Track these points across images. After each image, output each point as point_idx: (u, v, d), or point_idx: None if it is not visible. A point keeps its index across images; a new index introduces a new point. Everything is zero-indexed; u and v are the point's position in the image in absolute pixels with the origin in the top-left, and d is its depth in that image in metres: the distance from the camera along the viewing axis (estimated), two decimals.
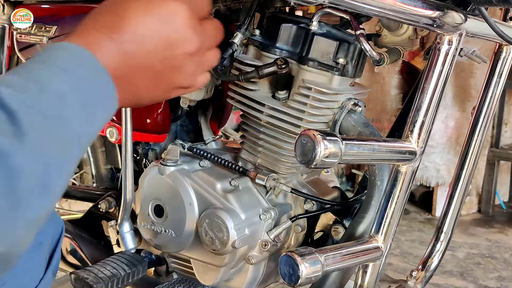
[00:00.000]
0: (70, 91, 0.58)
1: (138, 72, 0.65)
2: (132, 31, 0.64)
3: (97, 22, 0.65)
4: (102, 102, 0.63)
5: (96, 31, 0.64)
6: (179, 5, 0.66)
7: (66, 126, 0.57)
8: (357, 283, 0.88)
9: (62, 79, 0.58)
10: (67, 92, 0.58)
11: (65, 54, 0.60)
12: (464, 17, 0.75)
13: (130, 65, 0.64)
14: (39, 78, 0.57)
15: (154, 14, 0.65)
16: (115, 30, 0.64)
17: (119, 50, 0.63)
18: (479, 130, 0.97)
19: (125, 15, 0.64)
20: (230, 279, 1.06)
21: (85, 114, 0.60)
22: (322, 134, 0.65)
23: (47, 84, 0.57)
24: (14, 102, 0.52)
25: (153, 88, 0.68)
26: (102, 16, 0.66)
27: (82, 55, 0.61)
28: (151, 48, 0.64)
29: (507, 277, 2.44)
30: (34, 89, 0.56)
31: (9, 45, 1.43)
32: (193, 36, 0.67)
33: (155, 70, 0.66)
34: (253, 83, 0.97)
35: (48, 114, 0.55)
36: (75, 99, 0.59)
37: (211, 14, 1.04)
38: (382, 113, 3.32)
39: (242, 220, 0.97)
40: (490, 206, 3.32)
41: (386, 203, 0.83)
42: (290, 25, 0.95)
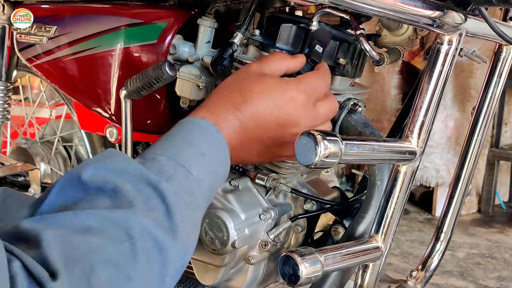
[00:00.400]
0: (205, 176, 0.67)
1: (251, 145, 0.75)
2: (253, 111, 0.74)
3: (225, 100, 0.74)
4: (223, 177, 0.73)
5: (225, 109, 0.73)
6: (298, 93, 0.76)
7: (198, 210, 0.66)
8: (357, 283, 0.88)
9: (201, 163, 0.67)
10: (204, 177, 0.67)
11: (203, 135, 0.69)
12: (464, 17, 0.75)
13: (246, 138, 0.74)
14: (185, 162, 0.65)
15: (274, 98, 0.75)
16: (240, 109, 0.73)
17: (241, 126, 0.73)
18: (479, 130, 0.97)
19: (250, 96, 0.74)
20: (230, 279, 1.06)
21: (210, 194, 0.70)
22: (322, 134, 0.65)
23: (191, 169, 0.65)
24: (170, 196, 0.59)
25: (260, 157, 0.78)
26: (230, 95, 0.75)
27: (216, 136, 0.70)
28: (266, 126, 0.74)
29: (507, 277, 2.44)
30: (181, 176, 0.64)
31: (9, 45, 1.43)
32: (305, 120, 0.77)
33: (266, 144, 0.76)
34: None
35: (189, 202, 0.63)
36: (208, 183, 0.68)
37: (210, 14, 1.05)
38: (382, 113, 3.32)
39: (242, 220, 0.97)
40: (490, 206, 3.32)
41: (386, 203, 0.83)
42: (290, 25, 0.94)
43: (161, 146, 0.67)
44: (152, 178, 0.59)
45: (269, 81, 0.76)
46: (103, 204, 0.55)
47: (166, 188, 0.59)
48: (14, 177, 1.53)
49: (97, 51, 1.13)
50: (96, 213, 0.53)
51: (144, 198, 0.57)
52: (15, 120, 1.79)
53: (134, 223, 0.53)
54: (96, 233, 0.51)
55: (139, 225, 0.54)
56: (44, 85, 1.72)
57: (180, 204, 0.60)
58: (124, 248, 0.51)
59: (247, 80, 0.76)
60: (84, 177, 0.57)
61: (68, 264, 0.47)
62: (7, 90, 1.49)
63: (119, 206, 0.55)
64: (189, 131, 0.69)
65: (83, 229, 0.51)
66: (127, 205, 0.55)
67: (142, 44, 1.09)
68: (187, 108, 1.09)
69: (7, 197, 0.93)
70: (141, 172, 0.60)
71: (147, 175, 0.60)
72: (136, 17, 1.11)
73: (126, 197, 0.56)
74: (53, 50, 1.21)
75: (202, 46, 1.05)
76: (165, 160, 0.64)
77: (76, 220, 0.52)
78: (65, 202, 0.55)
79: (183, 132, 0.69)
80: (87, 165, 0.59)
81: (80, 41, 1.16)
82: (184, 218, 0.60)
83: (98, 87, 1.16)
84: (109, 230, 0.52)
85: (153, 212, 0.57)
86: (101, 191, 0.56)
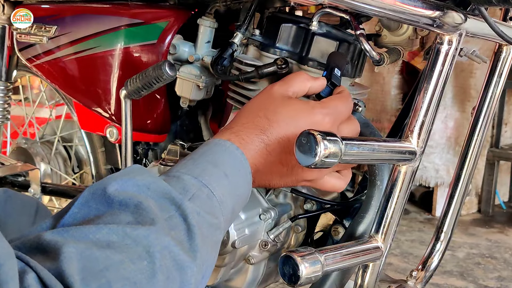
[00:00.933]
0: (228, 198, 0.67)
1: (275, 167, 0.75)
2: (279, 134, 0.74)
3: (251, 123, 0.75)
4: (245, 200, 0.73)
5: (250, 132, 0.73)
6: (324, 117, 0.76)
7: (219, 230, 0.66)
8: (357, 283, 0.88)
9: (224, 185, 0.67)
10: (226, 199, 0.67)
11: (227, 157, 0.70)
12: (464, 17, 0.75)
13: (270, 161, 0.74)
14: (209, 182, 0.65)
15: (300, 121, 0.74)
16: (266, 133, 0.73)
17: (266, 149, 0.73)
18: (479, 130, 0.97)
19: (275, 120, 0.74)
20: (230, 279, 1.06)
21: (231, 216, 0.70)
22: (322, 134, 0.65)
23: (214, 190, 0.65)
24: (192, 215, 0.59)
25: (283, 180, 0.78)
26: (256, 118, 0.75)
27: (240, 159, 0.70)
28: (291, 149, 0.71)
29: (507, 277, 2.44)
30: (204, 196, 0.64)
31: (9, 45, 1.43)
32: None
33: (289, 167, 0.76)
34: (253, 83, 0.97)
35: (210, 222, 0.63)
36: (230, 205, 0.68)
37: (210, 14, 1.05)
38: (382, 113, 3.32)
39: (242, 220, 0.97)
40: (490, 206, 3.32)
41: (386, 203, 0.83)
42: (290, 25, 0.94)
43: (186, 165, 0.68)
44: (176, 197, 0.60)
45: (294, 105, 0.76)
46: (125, 219, 0.55)
47: (188, 207, 0.60)
48: (14, 177, 1.53)
49: (97, 51, 1.13)
50: (118, 228, 0.53)
51: (166, 216, 0.58)
52: (15, 120, 1.79)
53: (155, 241, 0.53)
54: (116, 248, 0.51)
55: (160, 243, 0.54)
56: (44, 85, 1.73)
57: (202, 224, 0.60)
58: (144, 266, 0.51)
59: (272, 103, 0.76)
60: (109, 191, 0.57)
61: (85, 279, 0.47)
62: (7, 90, 1.49)
63: (141, 223, 0.55)
64: (214, 152, 0.70)
65: (103, 243, 0.51)
66: (149, 222, 0.55)
67: (142, 44, 1.09)
68: (187, 108, 1.09)
69: (8, 199, 0.93)
70: (164, 190, 0.60)
71: (171, 193, 0.60)
72: (136, 17, 1.11)
73: (149, 214, 0.56)
74: (53, 50, 1.22)
75: (202, 46, 1.06)
76: (189, 179, 0.64)
77: (98, 235, 0.51)
78: (88, 215, 0.56)
79: (208, 153, 0.70)
80: (113, 179, 0.59)
81: (80, 41, 1.16)
82: (205, 239, 0.60)
83: (98, 87, 1.16)
84: (129, 246, 0.52)
85: (174, 231, 0.57)
86: (124, 206, 0.56)
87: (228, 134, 0.73)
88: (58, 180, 1.73)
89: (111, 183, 0.58)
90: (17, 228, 0.90)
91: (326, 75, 0.84)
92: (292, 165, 0.75)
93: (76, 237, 0.51)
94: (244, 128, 0.74)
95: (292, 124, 0.74)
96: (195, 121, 1.21)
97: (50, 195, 1.60)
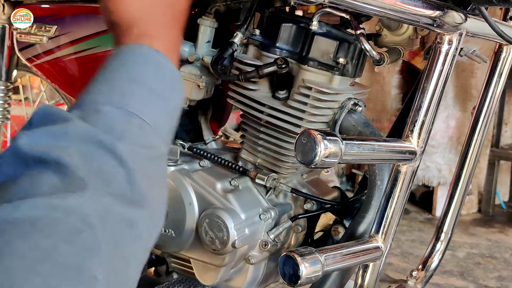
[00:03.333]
0: (161, 117, 0.57)
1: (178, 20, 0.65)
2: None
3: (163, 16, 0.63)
4: (180, 107, 0.62)
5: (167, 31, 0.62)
6: None
7: (161, 160, 0.56)
8: (357, 283, 0.88)
9: (154, 105, 0.56)
10: (160, 121, 0.57)
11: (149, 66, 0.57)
12: (464, 16, 0.75)
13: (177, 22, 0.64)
14: (136, 108, 0.54)
15: None
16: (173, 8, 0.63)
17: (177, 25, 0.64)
18: (479, 130, 0.97)
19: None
20: (230, 279, 1.06)
21: (169, 135, 0.59)
22: (322, 134, 0.65)
23: (144, 114, 0.54)
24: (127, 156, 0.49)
25: None
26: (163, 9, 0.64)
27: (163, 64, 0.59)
28: None
29: (507, 277, 2.43)
30: (135, 127, 0.53)
31: (9, 45, 1.43)
32: None
33: None
34: (253, 83, 0.97)
35: (150, 157, 0.53)
36: (165, 124, 0.58)
37: (210, 13, 1.05)
38: (382, 113, 3.32)
39: (242, 220, 0.97)
40: (490, 206, 3.32)
41: (386, 203, 0.83)
42: (290, 24, 0.94)
43: (100, 90, 0.55)
44: (104, 139, 0.49)
45: None
46: (48, 183, 0.44)
47: (120, 148, 0.49)
48: None
49: (97, 50, 1.13)
50: (41, 201, 0.42)
51: (98, 167, 0.47)
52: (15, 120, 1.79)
53: (90, 208, 0.43)
54: (44, 229, 0.40)
55: (98, 208, 0.44)
56: (44, 85, 1.72)
57: (141, 163, 0.51)
58: (83, 240, 0.41)
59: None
60: (19, 147, 0.46)
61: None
62: (7, 90, 1.49)
63: (70, 188, 0.44)
64: (130, 64, 0.57)
65: (26, 227, 0.40)
66: (80, 185, 0.44)
67: None
68: (187, 107, 1.09)
69: None
70: (87, 133, 0.49)
71: (96, 135, 0.49)
72: None
73: (76, 172, 0.45)
74: (53, 50, 1.22)
75: (202, 45, 1.05)
76: (111, 111, 0.52)
77: (16, 214, 0.40)
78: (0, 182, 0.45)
79: (123, 67, 0.57)
80: (21, 132, 0.48)
81: (80, 41, 1.16)
82: (149, 178, 0.51)
83: None
84: (59, 221, 0.41)
85: (111, 184, 0.47)
86: (43, 163, 0.45)
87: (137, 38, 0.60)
88: None
89: (20, 137, 0.47)
90: None
91: None
92: None
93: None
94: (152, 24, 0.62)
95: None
96: (195, 121, 1.21)
97: None
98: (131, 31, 0.61)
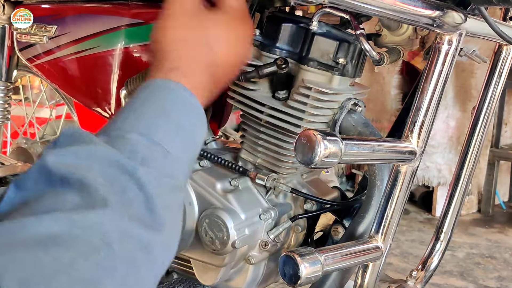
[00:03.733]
0: (184, 151, 0.59)
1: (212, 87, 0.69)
2: (223, 57, 0.68)
3: (196, 58, 0.66)
4: (201, 145, 0.65)
5: (198, 72, 0.65)
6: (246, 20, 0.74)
7: (180, 191, 0.59)
8: (357, 283, 0.88)
9: (178, 137, 0.59)
10: (182, 154, 0.59)
11: (176, 101, 0.60)
12: (464, 17, 0.75)
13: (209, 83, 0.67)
14: (160, 138, 0.56)
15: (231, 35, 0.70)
16: (213, 66, 0.67)
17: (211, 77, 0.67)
18: (479, 130, 0.97)
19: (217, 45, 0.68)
20: (230, 279, 1.06)
21: (189, 169, 0.62)
22: (322, 134, 0.65)
23: (168, 145, 0.56)
24: (148, 183, 0.51)
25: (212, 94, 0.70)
26: (198, 51, 0.66)
27: (190, 101, 0.61)
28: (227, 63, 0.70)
29: (507, 277, 2.44)
30: (158, 156, 0.55)
31: (9, 45, 1.43)
32: None
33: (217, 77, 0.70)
34: (253, 83, 0.97)
35: (170, 186, 0.56)
36: (186, 158, 0.60)
37: None
38: (382, 113, 3.32)
39: (242, 220, 0.97)
40: (490, 206, 3.32)
41: (386, 203, 0.83)
42: (290, 25, 0.94)
43: (127, 119, 0.57)
44: (126, 163, 0.51)
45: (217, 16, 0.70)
46: (71, 201, 0.46)
47: (143, 174, 0.51)
48: (14, 177, 1.53)
49: (97, 51, 1.13)
50: (62, 217, 0.44)
51: (119, 189, 0.49)
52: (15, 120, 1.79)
53: (110, 227, 0.45)
54: (64, 244, 0.42)
55: (117, 228, 0.46)
56: (44, 85, 1.73)
57: (161, 191, 0.53)
58: (100, 258, 0.43)
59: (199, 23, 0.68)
60: (46, 165, 0.48)
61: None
62: (7, 90, 1.49)
63: (91, 205, 0.46)
64: (158, 98, 0.59)
65: (47, 240, 0.42)
66: (101, 204, 0.46)
67: (142, 44, 1.10)
68: None
69: None
70: (111, 156, 0.51)
71: (119, 159, 0.51)
72: (136, 17, 1.11)
73: (98, 191, 0.47)
74: (53, 50, 1.22)
75: None
76: (136, 138, 0.54)
77: (39, 228, 0.42)
78: (26, 198, 0.47)
79: (151, 100, 0.59)
80: (49, 151, 0.50)
81: (80, 41, 1.16)
82: (167, 206, 0.53)
83: (98, 87, 1.16)
84: (79, 238, 0.43)
85: (131, 207, 0.49)
86: (67, 182, 0.47)
87: (165, 72, 0.63)
88: None
89: (47, 155, 0.49)
90: None
91: None
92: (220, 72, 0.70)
93: (11, 233, 0.42)
94: (192, 69, 0.65)
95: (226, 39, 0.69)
96: None
97: None
98: (163, 64, 0.64)
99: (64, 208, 0.45)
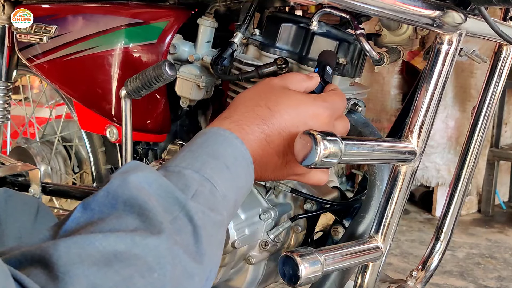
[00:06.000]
0: (230, 191, 0.65)
1: (271, 158, 0.73)
2: (280, 124, 0.72)
3: (251, 112, 0.72)
4: (246, 192, 0.70)
5: (251, 122, 0.71)
6: (324, 110, 0.75)
7: (223, 227, 0.63)
8: (357, 283, 0.88)
9: (226, 178, 0.64)
10: (229, 193, 0.64)
11: (228, 148, 0.67)
12: (464, 16, 0.75)
13: (267, 152, 0.72)
14: (211, 176, 0.62)
15: (301, 112, 0.73)
16: (267, 123, 0.71)
17: (266, 140, 0.71)
18: (479, 130, 0.97)
19: (277, 110, 0.72)
20: (230, 279, 1.06)
21: (234, 210, 0.67)
22: (322, 134, 0.65)
23: (217, 184, 0.62)
24: (197, 215, 0.57)
25: (276, 173, 0.75)
26: (256, 107, 0.72)
27: (241, 150, 0.68)
28: (290, 140, 0.71)
29: (507, 277, 2.44)
30: (207, 191, 0.61)
31: (9, 45, 1.43)
32: None
33: (285, 159, 0.74)
34: (253, 83, 0.97)
35: (215, 220, 0.61)
36: (232, 198, 0.65)
37: (210, 13, 1.05)
38: (382, 113, 3.32)
39: (242, 220, 0.97)
40: (490, 206, 3.32)
41: (386, 203, 0.83)
42: (290, 25, 0.94)
43: (185, 158, 0.64)
44: (179, 196, 0.57)
45: (296, 96, 0.75)
46: (132, 223, 0.52)
47: (193, 207, 0.57)
48: (14, 177, 1.53)
49: (97, 50, 1.13)
50: (126, 236, 0.49)
51: (171, 218, 0.55)
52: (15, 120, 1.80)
53: (165, 252, 0.51)
54: (125, 261, 0.48)
55: (170, 253, 0.51)
56: (44, 85, 1.73)
57: (207, 223, 0.58)
58: (154, 279, 0.49)
59: (274, 94, 0.74)
60: (111, 190, 0.54)
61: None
62: (7, 89, 1.50)
63: (149, 229, 0.51)
64: (213, 143, 0.67)
65: (111, 255, 0.47)
66: (158, 229, 0.52)
67: (142, 44, 1.10)
68: (187, 108, 1.09)
69: (8, 198, 0.93)
70: (167, 188, 0.57)
71: (174, 191, 0.57)
72: (136, 17, 1.11)
73: (156, 217, 0.53)
74: (53, 49, 1.22)
75: (202, 45, 1.06)
76: (190, 174, 0.61)
77: (104, 243, 0.48)
78: (91, 218, 0.52)
79: (207, 144, 0.67)
80: (114, 178, 0.56)
81: (80, 40, 1.16)
82: (210, 239, 0.58)
83: (98, 87, 1.16)
84: (138, 257, 0.49)
85: (180, 235, 0.54)
86: (129, 206, 0.53)
87: (227, 123, 0.70)
88: (58, 180, 1.73)
89: (112, 182, 0.55)
90: (18, 227, 0.90)
91: (318, 72, 0.84)
92: (288, 158, 0.74)
93: (80, 246, 0.47)
94: (243, 117, 0.71)
95: (294, 114, 0.73)
96: (195, 121, 1.21)
97: (50, 195, 1.60)
98: (224, 113, 0.73)
99: (127, 229, 0.50)
